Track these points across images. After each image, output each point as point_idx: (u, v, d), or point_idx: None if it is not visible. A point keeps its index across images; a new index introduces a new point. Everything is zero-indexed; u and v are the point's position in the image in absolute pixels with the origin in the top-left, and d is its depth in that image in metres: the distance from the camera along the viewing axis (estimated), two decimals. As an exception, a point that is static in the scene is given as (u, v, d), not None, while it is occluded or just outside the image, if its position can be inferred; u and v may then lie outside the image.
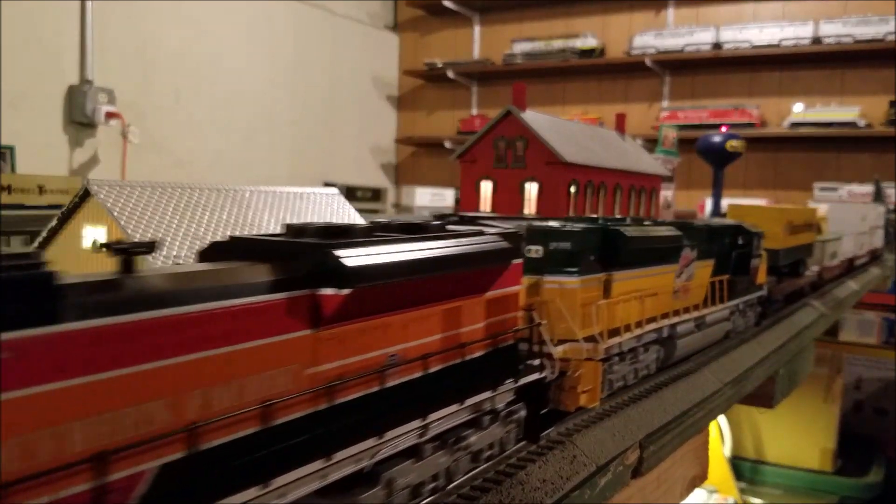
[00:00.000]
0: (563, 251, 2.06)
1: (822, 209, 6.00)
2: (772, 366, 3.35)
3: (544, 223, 2.17)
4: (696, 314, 2.80)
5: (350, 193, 8.60)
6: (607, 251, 2.19)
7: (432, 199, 8.41)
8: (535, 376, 1.79)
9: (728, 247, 3.19)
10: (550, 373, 1.87)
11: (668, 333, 2.60)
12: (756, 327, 3.60)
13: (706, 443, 3.25)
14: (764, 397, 3.47)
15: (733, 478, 6.20)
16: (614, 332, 2.19)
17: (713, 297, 2.99)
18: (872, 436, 7.49)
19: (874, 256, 7.38)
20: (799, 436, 6.75)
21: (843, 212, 6.24)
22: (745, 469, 6.88)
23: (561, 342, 1.99)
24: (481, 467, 1.65)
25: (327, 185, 9.95)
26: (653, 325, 2.45)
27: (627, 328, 2.26)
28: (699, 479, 3.18)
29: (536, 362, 1.83)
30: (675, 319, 2.62)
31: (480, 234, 1.68)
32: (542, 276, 2.04)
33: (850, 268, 6.19)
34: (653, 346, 2.51)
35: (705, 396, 2.61)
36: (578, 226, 2.15)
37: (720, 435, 6.41)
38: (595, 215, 2.76)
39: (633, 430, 2.11)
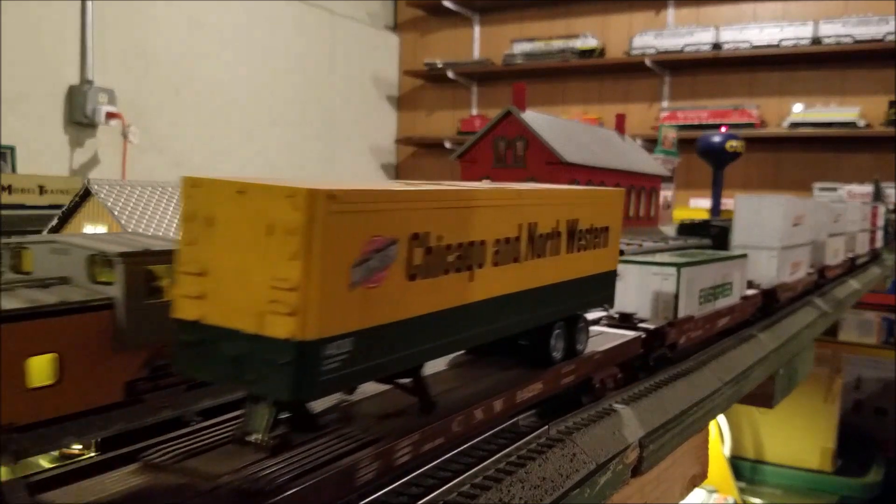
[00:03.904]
0: None
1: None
2: (771, 365, 3.35)
3: None
4: None
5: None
6: None
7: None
8: None
9: None
10: None
11: None
12: None
13: (706, 442, 3.25)
14: (763, 397, 3.46)
15: (733, 477, 6.21)
16: None
17: None
18: (872, 436, 7.49)
19: (822, 281, 4.63)
20: (798, 436, 6.75)
21: (758, 211, 3.62)
22: (744, 469, 6.88)
23: None
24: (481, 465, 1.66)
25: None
26: None
27: None
28: (699, 478, 3.19)
29: None
30: None
31: None
32: None
33: (767, 309, 3.57)
34: None
35: (705, 395, 2.61)
36: None
37: (720, 434, 6.42)
38: None
39: (633, 428, 2.11)
